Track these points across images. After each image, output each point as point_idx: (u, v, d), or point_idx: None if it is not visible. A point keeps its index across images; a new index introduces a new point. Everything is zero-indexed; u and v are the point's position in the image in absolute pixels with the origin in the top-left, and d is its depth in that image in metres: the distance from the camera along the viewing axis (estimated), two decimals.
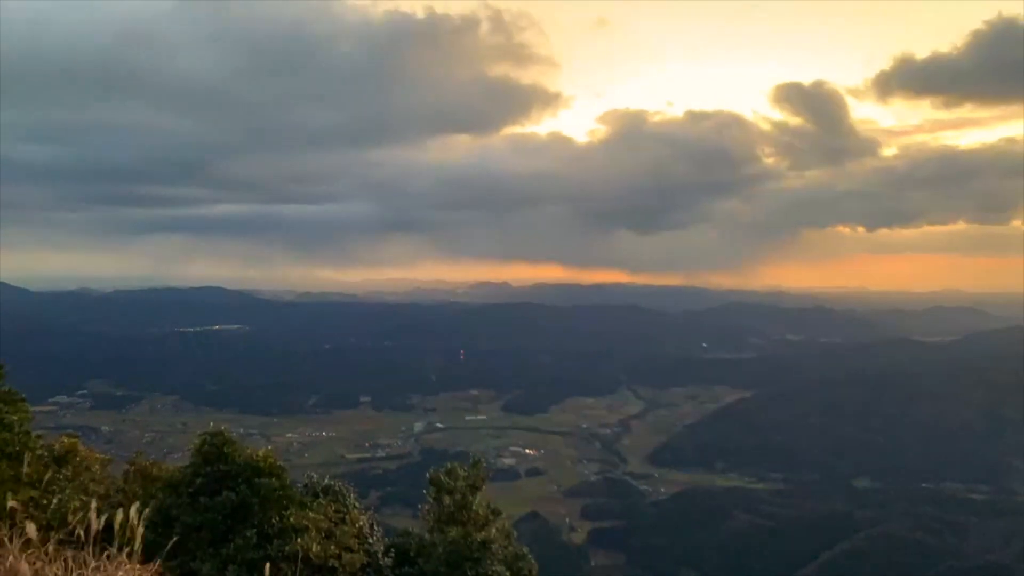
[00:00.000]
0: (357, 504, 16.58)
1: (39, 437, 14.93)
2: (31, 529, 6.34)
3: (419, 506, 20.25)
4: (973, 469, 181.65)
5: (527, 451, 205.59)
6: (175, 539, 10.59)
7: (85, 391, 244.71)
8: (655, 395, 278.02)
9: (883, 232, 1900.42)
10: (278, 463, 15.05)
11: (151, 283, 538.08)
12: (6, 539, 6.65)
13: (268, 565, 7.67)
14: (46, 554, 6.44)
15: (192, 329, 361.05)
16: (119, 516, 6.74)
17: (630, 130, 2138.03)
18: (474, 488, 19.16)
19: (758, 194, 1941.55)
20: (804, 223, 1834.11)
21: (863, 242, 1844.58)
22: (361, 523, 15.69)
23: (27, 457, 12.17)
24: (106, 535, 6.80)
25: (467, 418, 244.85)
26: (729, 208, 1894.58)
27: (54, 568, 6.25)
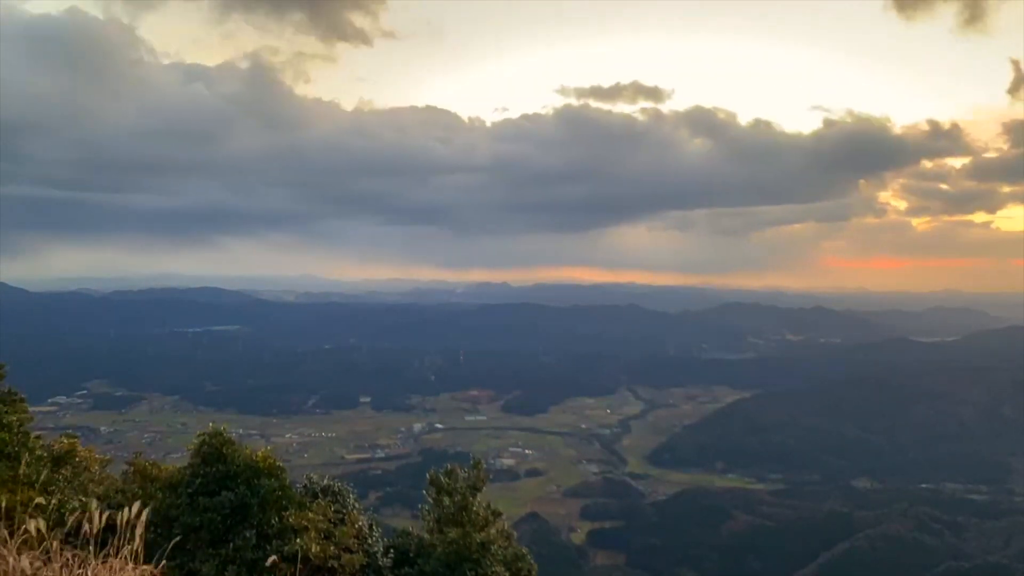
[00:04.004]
0: (357, 504, 16.58)
1: (39, 437, 14.92)
2: (32, 528, 6.34)
3: (419, 507, 20.25)
4: (973, 469, 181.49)
5: (527, 452, 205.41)
6: (176, 539, 10.59)
7: (85, 391, 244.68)
8: (655, 395, 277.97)
9: None
10: (277, 463, 15.01)
11: (150, 283, 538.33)
12: (5, 539, 6.65)
13: (270, 559, 7.64)
14: (46, 553, 6.45)
15: (192, 329, 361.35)
16: (122, 515, 6.75)
17: None
18: (474, 489, 19.16)
19: None
20: None
21: None
22: (360, 524, 15.67)
23: (24, 456, 12.17)
24: (107, 535, 6.80)
25: (467, 418, 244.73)
26: None
27: (55, 567, 6.25)
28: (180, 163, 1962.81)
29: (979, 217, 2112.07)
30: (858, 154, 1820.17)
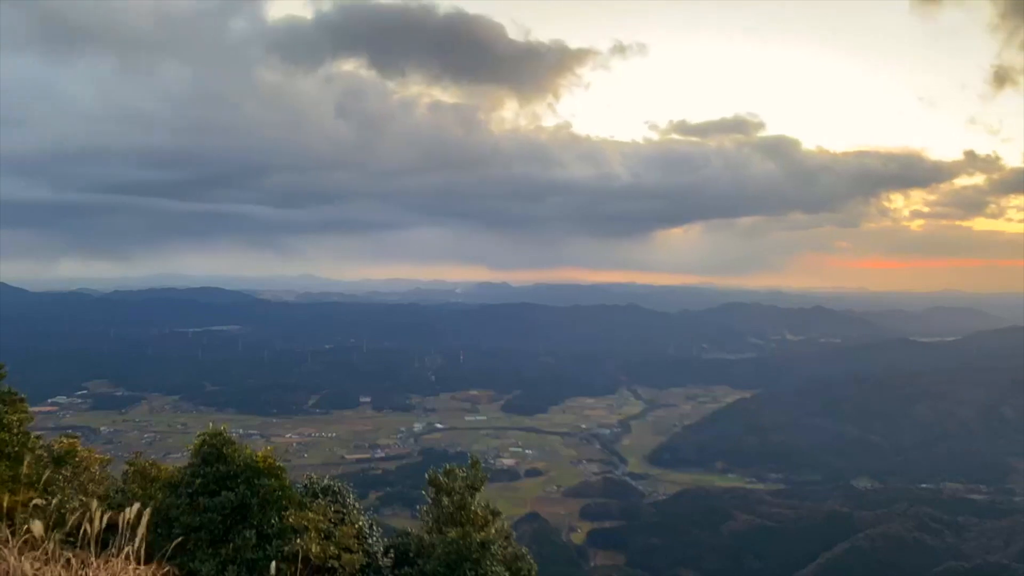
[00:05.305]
0: (357, 504, 16.59)
1: (39, 437, 14.93)
2: (34, 528, 6.35)
3: (418, 507, 20.24)
4: (973, 469, 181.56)
5: (527, 452, 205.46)
6: (177, 540, 10.61)
7: (85, 391, 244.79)
8: (655, 395, 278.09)
9: None
10: (277, 463, 15.03)
11: (151, 283, 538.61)
12: (6, 539, 6.66)
13: (274, 564, 7.65)
14: (46, 554, 6.46)
15: (192, 329, 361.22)
16: (124, 516, 6.76)
17: None
18: (473, 489, 19.13)
19: None
20: None
21: None
22: (360, 523, 15.68)
23: (27, 457, 12.19)
24: (108, 535, 6.82)
25: (467, 418, 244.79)
26: None
27: (56, 568, 6.26)
28: (359, 189, 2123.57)
29: (980, 220, 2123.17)
30: (894, 175, 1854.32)
